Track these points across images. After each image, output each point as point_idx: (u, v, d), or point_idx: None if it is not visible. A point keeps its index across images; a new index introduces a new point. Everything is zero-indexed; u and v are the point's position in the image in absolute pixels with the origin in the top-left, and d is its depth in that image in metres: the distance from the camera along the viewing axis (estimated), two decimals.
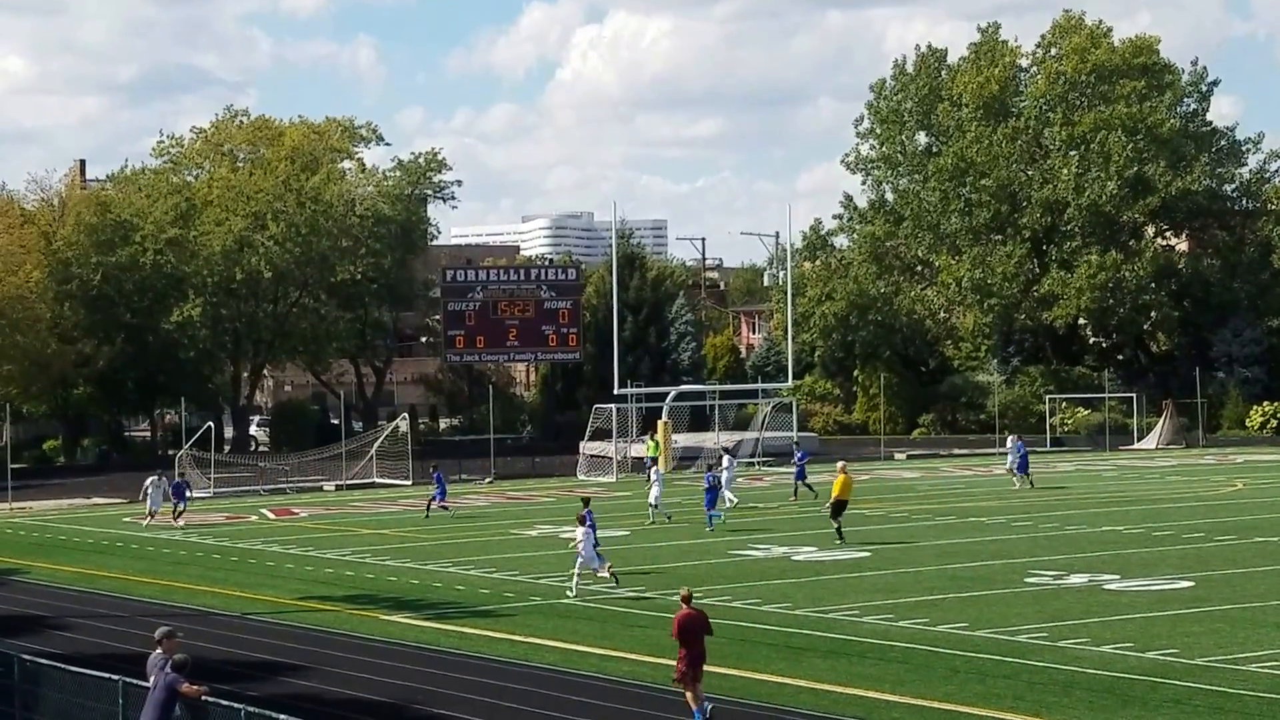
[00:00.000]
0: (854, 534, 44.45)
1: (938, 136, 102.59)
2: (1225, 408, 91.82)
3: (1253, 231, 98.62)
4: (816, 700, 23.56)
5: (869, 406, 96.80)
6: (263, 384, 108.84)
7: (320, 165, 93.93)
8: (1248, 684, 23.85)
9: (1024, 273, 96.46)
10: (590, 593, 34.60)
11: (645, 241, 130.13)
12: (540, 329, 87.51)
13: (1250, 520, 46.23)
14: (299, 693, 24.79)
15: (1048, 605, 31.46)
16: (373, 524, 51.71)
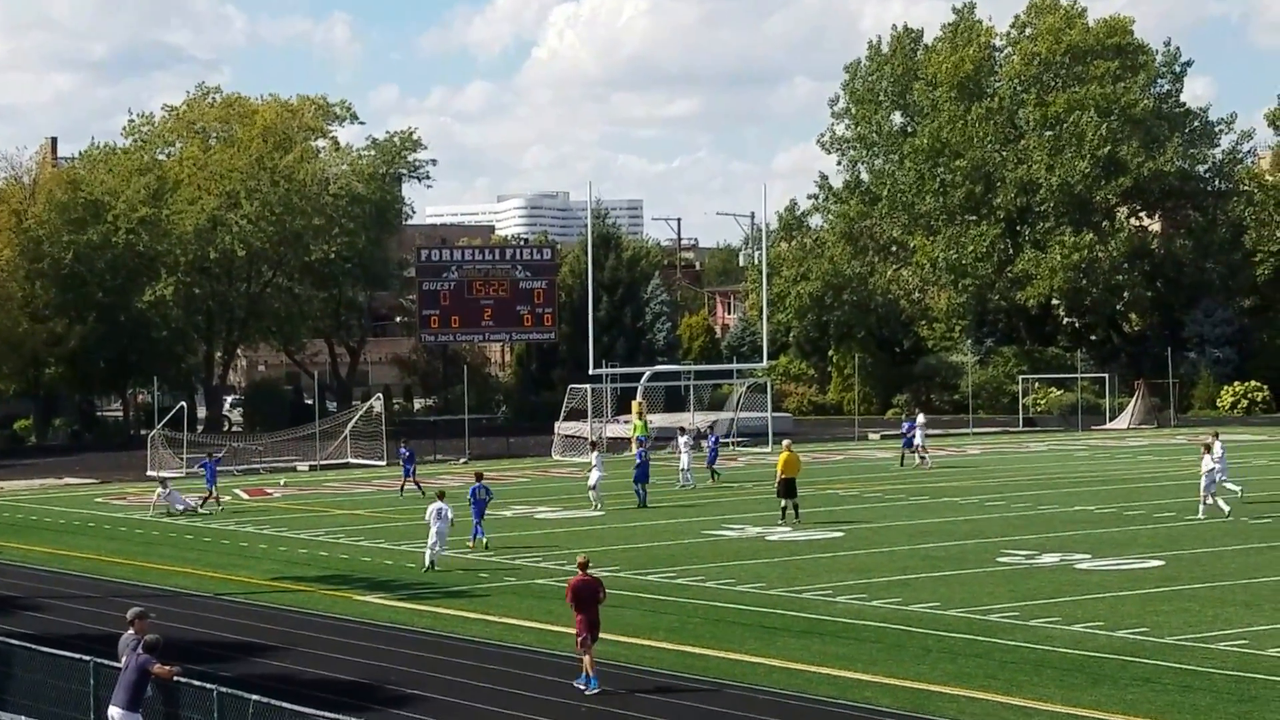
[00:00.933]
0: (828, 514, 44.65)
1: (913, 117, 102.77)
2: (1197, 388, 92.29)
3: (1225, 212, 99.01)
4: (790, 679, 23.65)
5: (843, 387, 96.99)
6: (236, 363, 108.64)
7: (294, 144, 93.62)
8: (1217, 662, 24.01)
9: (998, 253, 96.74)
10: (565, 573, 34.62)
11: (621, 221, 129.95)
12: (515, 309, 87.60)
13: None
14: (272, 673, 24.81)
15: (1019, 585, 31.61)
16: (347, 504, 51.70)
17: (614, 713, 21.94)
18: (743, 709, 21.98)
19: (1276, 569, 32.84)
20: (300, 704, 17.80)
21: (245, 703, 17.57)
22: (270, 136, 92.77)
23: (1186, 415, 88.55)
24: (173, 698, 18.88)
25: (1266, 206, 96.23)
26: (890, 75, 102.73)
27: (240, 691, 18.05)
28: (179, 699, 18.66)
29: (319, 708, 17.72)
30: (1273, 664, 23.78)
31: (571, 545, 38.96)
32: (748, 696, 22.69)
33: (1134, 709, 21.28)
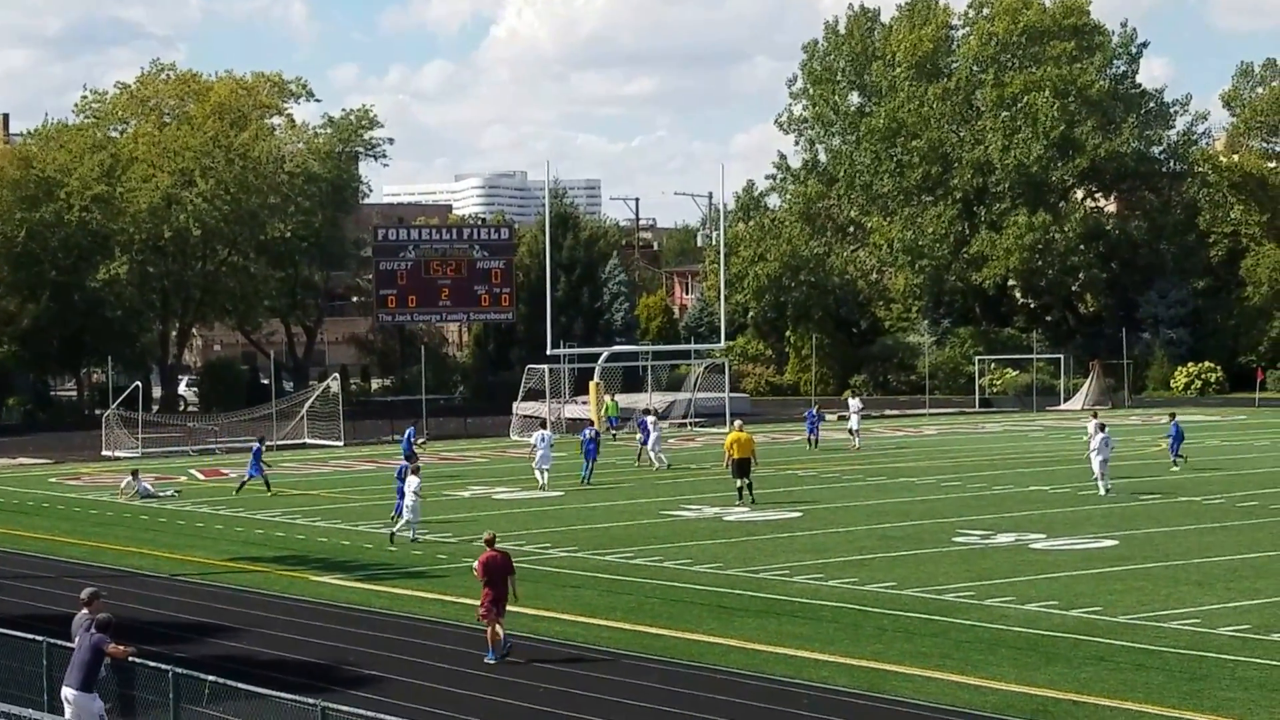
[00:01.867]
0: (785, 494, 44.80)
1: (870, 97, 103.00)
2: (1151, 369, 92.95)
3: (1179, 194, 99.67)
4: (747, 659, 23.73)
5: (801, 367, 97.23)
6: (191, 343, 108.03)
7: (249, 122, 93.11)
8: (1169, 641, 24.21)
9: (954, 234, 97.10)
10: (523, 554, 34.68)
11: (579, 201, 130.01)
12: (473, 289, 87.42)
13: (1173, 480, 46.86)
14: (228, 654, 24.75)
15: (975, 564, 31.79)
16: (303, 485, 51.56)
17: (572, 692, 21.98)
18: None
19: (1228, 549, 33.11)
20: (257, 685, 17.78)
21: (201, 683, 17.53)
22: (225, 114, 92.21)
23: (1141, 396, 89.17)
24: (128, 678, 18.82)
25: (1220, 188, 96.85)
26: (848, 55, 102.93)
27: (196, 672, 18.00)
28: (134, 680, 18.61)
29: (276, 689, 17.69)
30: (1224, 643, 23.99)
31: (530, 525, 39.03)
32: (705, 677, 22.76)
33: (1087, 687, 21.44)
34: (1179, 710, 20.20)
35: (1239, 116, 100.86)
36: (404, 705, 20.24)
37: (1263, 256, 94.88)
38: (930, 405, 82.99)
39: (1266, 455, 55.06)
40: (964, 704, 20.80)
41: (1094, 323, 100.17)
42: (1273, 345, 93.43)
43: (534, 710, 21.02)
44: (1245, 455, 55.05)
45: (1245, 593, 28.01)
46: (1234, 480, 46.37)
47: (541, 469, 47.49)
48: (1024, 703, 20.79)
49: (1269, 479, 46.59)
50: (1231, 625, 25.10)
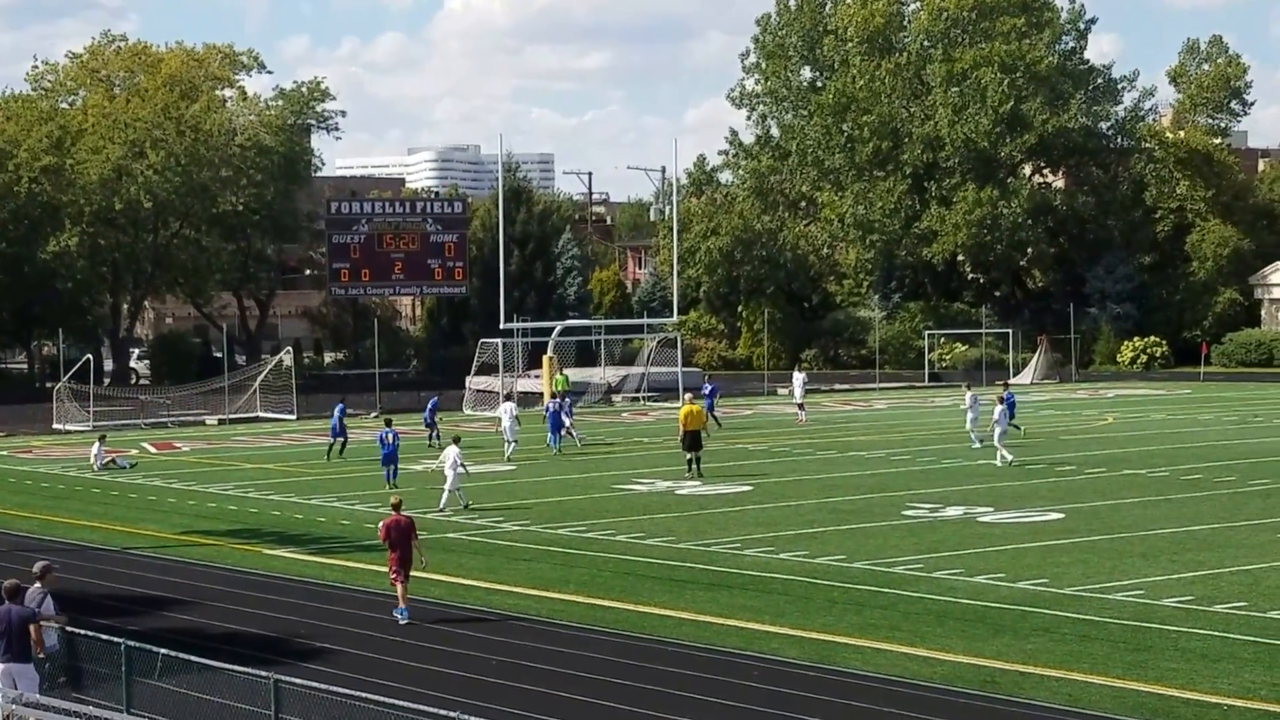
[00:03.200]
0: (737, 468, 45.06)
1: (822, 71, 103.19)
2: (1098, 343, 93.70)
3: (1126, 170, 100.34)
4: (699, 632, 23.95)
5: (753, 342, 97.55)
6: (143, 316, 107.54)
7: (200, 93, 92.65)
8: (1114, 613, 24.54)
9: (904, 209, 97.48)
10: (476, 527, 34.87)
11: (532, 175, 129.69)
12: (426, 262, 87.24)
13: (1119, 453, 47.30)
14: (181, 627, 24.82)
15: (924, 537, 32.10)
16: (256, 458, 51.54)
17: (525, 665, 22.15)
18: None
19: (1172, 521, 33.53)
20: (209, 658, 17.88)
21: (154, 656, 17.63)
22: (176, 86, 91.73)
23: (1088, 370, 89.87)
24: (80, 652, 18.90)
25: (1167, 164, 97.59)
26: (800, 30, 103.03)
27: (149, 645, 18.11)
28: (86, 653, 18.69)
29: (229, 661, 17.81)
30: (1168, 614, 24.33)
31: (482, 499, 39.13)
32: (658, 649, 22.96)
33: (1033, 658, 21.73)
34: (1123, 680, 20.50)
35: (1185, 93, 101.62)
36: (356, 678, 20.34)
37: (1208, 232, 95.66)
38: (880, 380, 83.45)
39: (1210, 429, 55.64)
40: (912, 675, 21.06)
41: (1042, 298, 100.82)
42: (1217, 320, 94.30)
43: (487, 682, 21.18)
44: (1189, 429, 55.59)
45: (1188, 565, 28.39)
46: (1178, 453, 46.85)
47: (509, 441, 47.83)
48: (972, 674, 21.07)
49: (1212, 452, 47.13)
50: (1175, 597, 25.45)
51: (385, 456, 42.64)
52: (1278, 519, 33.22)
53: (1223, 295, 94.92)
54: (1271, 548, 29.94)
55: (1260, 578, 27.05)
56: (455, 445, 37.66)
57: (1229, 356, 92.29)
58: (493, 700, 19.66)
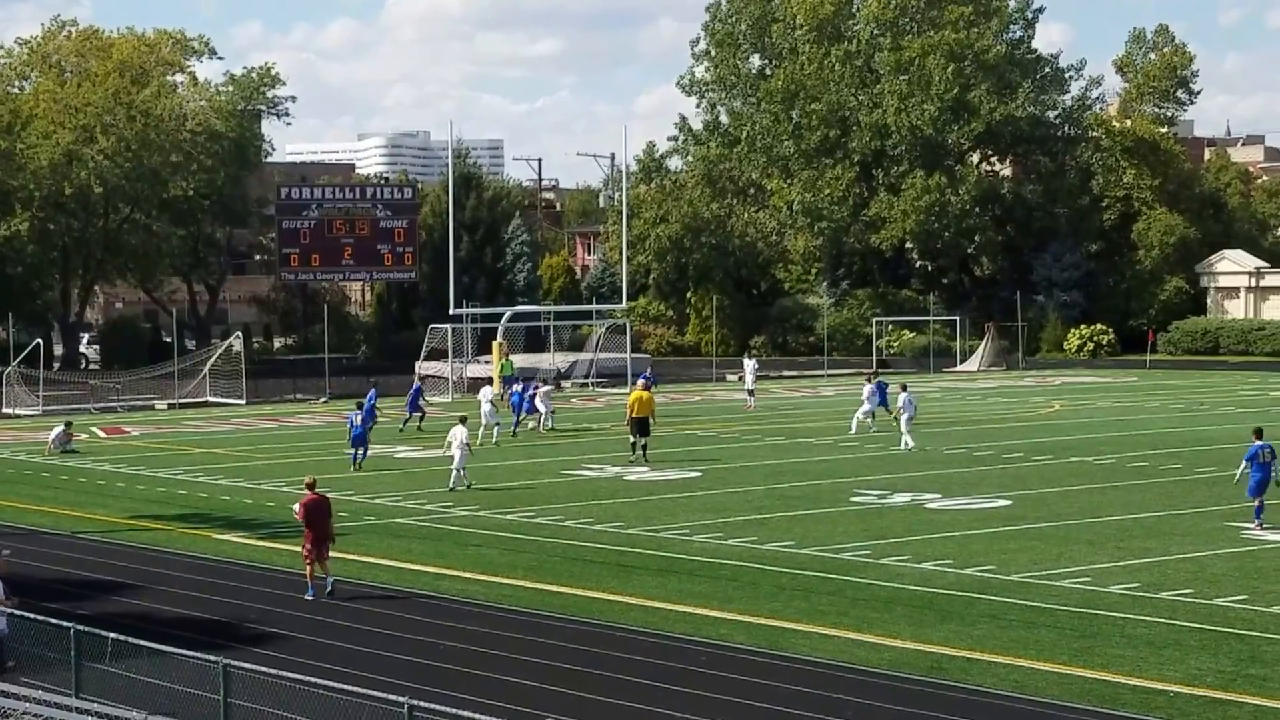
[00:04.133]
0: (686, 454, 45.19)
1: (771, 59, 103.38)
2: (1045, 331, 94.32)
3: (1073, 158, 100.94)
4: (647, 617, 24.04)
5: (702, 328, 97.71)
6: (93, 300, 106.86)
7: (151, 79, 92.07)
8: (1060, 599, 24.75)
9: (853, 196, 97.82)
10: (425, 512, 34.88)
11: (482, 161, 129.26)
12: (376, 248, 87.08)
13: (1066, 440, 47.65)
14: (130, 611, 24.76)
15: (872, 523, 32.28)
16: (205, 443, 51.36)
17: (474, 650, 22.21)
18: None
19: (1119, 508, 33.83)
20: (159, 643, 17.87)
21: (103, 641, 17.59)
22: (127, 71, 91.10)
23: (1035, 358, 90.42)
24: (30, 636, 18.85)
25: (1114, 153, 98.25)
26: (749, 18, 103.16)
27: (98, 630, 18.08)
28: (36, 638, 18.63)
29: (178, 646, 17.79)
30: (1114, 600, 24.57)
31: (431, 484, 39.16)
32: (606, 634, 23.04)
33: (981, 645, 21.91)
34: (1070, 667, 20.69)
35: (1132, 82, 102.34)
36: (305, 663, 20.35)
37: (1154, 220, 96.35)
38: (828, 366, 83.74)
39: (1156, 416, 56.09)
40: (860, 661, 21.20)
41: (989, 285, 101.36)
42: (1163, 308, 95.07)
43: (435, 667, 21.23)
44: (1136, 416, 56.03)
45: (1135, 552, 28.66)
46: (1124, 441, 47.23)
47: (492, 426, 48.49)
48: (919, 660, 21.23)
49: (1159, 440, 47.53)
50: (1121, 584, 25.70)
51: (354, 438, 42.91)
52: (1223, 506, 33.52)
53: (1169, 284, 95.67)
54: (1217, 535, 30.26)
55: (1206, 565, 27.34)
56: (462, 425, 38.51)
57: (1175, 344, 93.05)
58: (441, 685, 19.70)
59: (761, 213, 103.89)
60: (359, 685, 15.85)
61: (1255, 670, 20.43)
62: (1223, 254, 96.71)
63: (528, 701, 19.00)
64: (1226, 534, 30.32)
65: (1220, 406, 59.37)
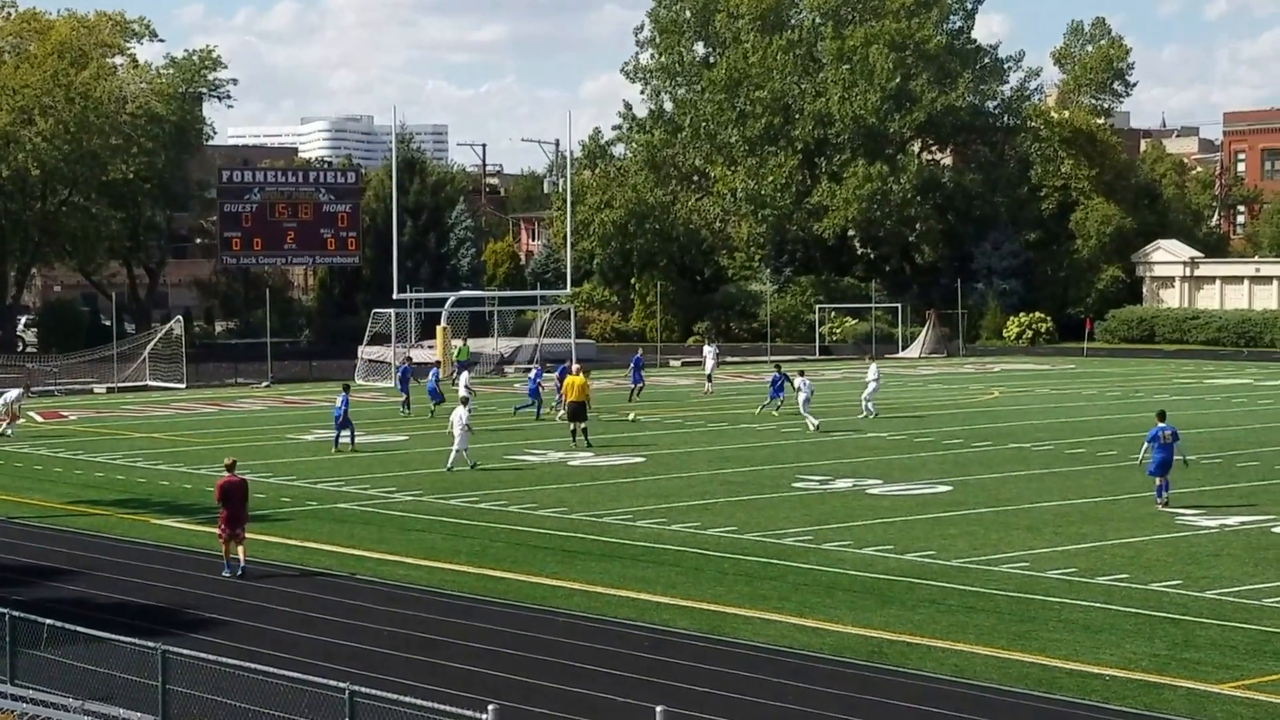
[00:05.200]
0: (629, 439, 45.25)
1: (715, 47, 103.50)
2: (984, 318, 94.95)
3: (1013, 147, 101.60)
4: (590, 602, 24.09)
5: (646, 314, 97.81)
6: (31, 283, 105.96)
7: (90, 60, 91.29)
8: (999, 584, 24.95)
9: (796, 184, 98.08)
10: (368, 498, 34.80)
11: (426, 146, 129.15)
12: (319, 232, 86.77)
13: (1005, 427, 48.00)
14: (68, 597, 24.62)
15: (813, 509, 32.42)
16: (145, 427, 51.05)
17: (416, 635, 22.19)
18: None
19: (1057, 494, 34.11)
20: (97, 628, 17.78)
21: (40, 627, 17.46)
22: (66, 53, 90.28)
23: (975, 345, 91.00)
24: None
25: (1052, 143, 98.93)
26: (694, 5, 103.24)
27: (34, 615, 17.95)
28: None
29: (116, 632, 17.70)
30: (1051, 585, 24.79)
31: (374, 469, 39.09)
32: (549, 620, 23.07)
33: (921, 629, 22.06)
34: (1008, 651, 20.86)
35: (1070, 74, 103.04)
36: (245, 649, 20.29)
37: (1091, 210, 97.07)
38: (771, 352, 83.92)
39: (1093, 404, 56.54)
40: (802, 645, 21.32)
41: (930, 273, 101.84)
42: (1100, 297, 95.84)
43: (378, 653, 21.20)
44: (1073, 404, 56.47)
45: (1072, 537, 28.92)
46: (1062, 428, 47.60)
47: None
48: (860, 644, 21.37)
49: (1096, 426, 47.92)
50: (1059, 569, 25.92)
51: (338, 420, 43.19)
52: None
53: (1106, 272, 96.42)
54: (1152, 521, 30.55)
55: (1141, 550, 27.60)
56: (463, 406, 39.35)
57: (1112, 333, 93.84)
58: (383, 671, 19.68)
59: (705, 199, 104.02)
60: (299, 671, 15.82)
61: (1189, 654, 20.66)
62: (1158, 244, 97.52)
63: (470, 687, 19.01)
64: (1161, 520, 30.61)
65: (1156, 394, 59.88)
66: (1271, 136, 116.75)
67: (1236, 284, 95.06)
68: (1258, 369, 74.23)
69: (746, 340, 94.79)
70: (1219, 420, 50.01)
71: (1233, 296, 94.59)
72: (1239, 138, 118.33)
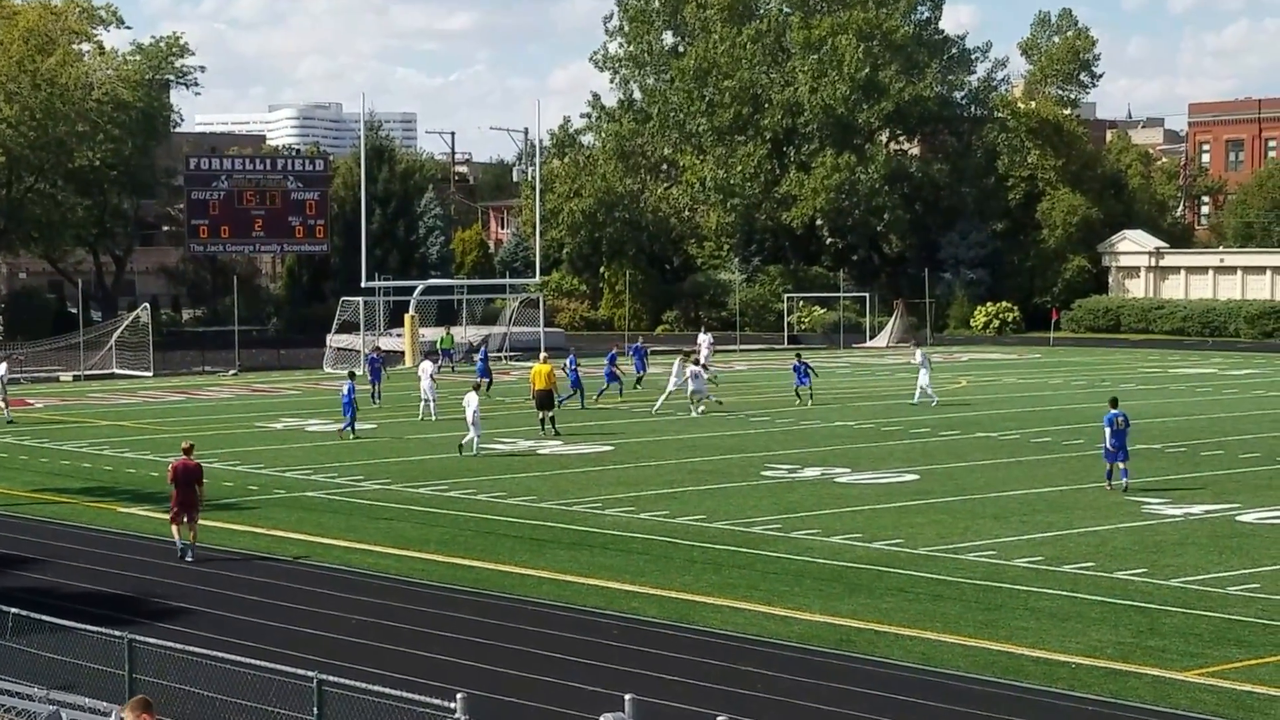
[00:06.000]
0: (598, 428, 45.27)
1: (684, 36, 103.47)
2: (952, 308, 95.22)
3: (980, 138, 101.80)
4: (559, 591, 24.10)
5: (615, 303, 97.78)
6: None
7: (57, 47, 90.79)
8: (966, 572, 25.05)
9: (765, 173, 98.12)
10: (336, 486, 34.75)
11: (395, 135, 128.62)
12: (287, 220, 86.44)
13: (972, 416, 48.14)
14: (33, 585, 24.54)
15: (782, 498, 32.49)
16: (111, 415, 50.86)
17: (385, 624, 22.18)
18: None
19: (1023, 483, 34.23)
20: (63, 617, 17.70)
21: (5, 616, 17.37)
22: (32, 39, 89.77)
23: (942, 334, 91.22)
24: None
25: (1019, 134, 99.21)
26: None
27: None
28: None
29: (82, 621, 17.63)
30: (1018, 574, 24.89)
31: (343, 458, 39.03)
32: (518, 608, 23.08)
33: (889, 617, 22.14)
34: (975, 639, 20.94)
35: (1036, 64, 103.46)
36: (212, 637, 20.21)
37: (1058, 200, 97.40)
38: (740, 341, 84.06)
39: (1060, 393, 56.75)
40: (770, 634, 21.37)
41: (898, 262, 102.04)
42: (1067, 287, 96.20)
43: (346, 642, 21.18)
44: (1040, 393, 56.66)
45: (1038, 526, 29.04)
46: (1029, 417, 47.79)
47: (427, 399, 48.17)
48: (828, 632, 21.43)
49: (1062, 415, 48.10)
50: (1025, 557, 26.04)
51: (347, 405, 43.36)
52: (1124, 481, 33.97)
53: (1072, 262, 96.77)
54: (1117, 510, 30.69)
55: (1107, 539, 27.74)
56: (475, 393, 40.49)
57: (1078, 322, 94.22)
58: (352, 660, 19.66)
59: (674, 189, 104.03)
60: (267, 660, 15.79)
61: (1154, 642, 20.78)
62: (1124, 234, 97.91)
63: (439, 676, 19.00)
64: (1127, 508, 30.76)
65: (1122, 383, 60.13)
66: (1236, 128, 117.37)
67: (1201, 274, 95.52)
68: (1222, 358, 74.61)
69: (715, 329, 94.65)
70: (1184, 409, 50.26)
71: (1197, 286, 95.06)
72: (1204, 129, 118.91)
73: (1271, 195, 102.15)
